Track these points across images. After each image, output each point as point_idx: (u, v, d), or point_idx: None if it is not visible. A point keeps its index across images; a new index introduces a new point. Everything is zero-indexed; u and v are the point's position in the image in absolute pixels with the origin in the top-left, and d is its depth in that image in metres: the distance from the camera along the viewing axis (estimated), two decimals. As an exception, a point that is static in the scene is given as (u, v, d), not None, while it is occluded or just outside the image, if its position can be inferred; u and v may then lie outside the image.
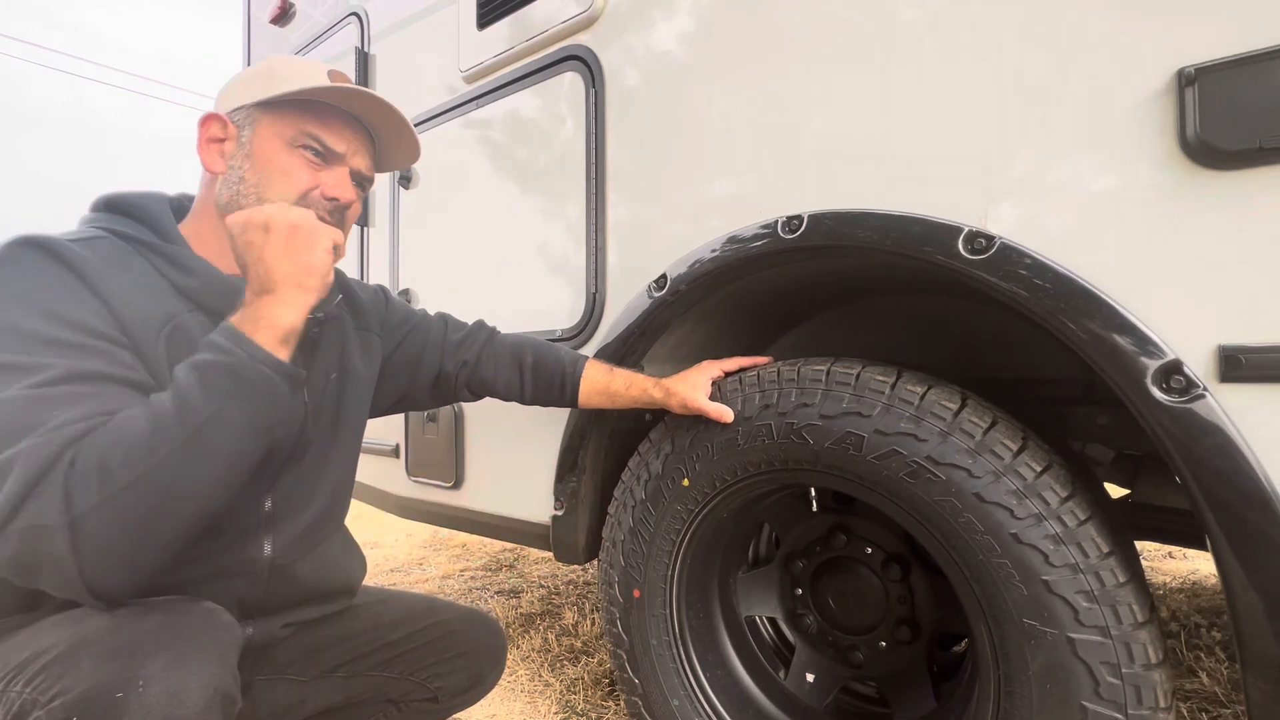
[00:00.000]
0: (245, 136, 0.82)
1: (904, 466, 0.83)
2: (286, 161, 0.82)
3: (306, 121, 0.83)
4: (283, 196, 0.81)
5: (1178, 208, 0.68)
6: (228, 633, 0.66)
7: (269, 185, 0.81)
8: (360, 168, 0.89)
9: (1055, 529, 0.74)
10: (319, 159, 0.84)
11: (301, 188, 0.82)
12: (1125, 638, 0.71)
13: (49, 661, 0.59)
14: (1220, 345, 0.65)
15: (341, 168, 0.86)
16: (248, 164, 0.81)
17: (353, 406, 0.96)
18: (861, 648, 1.10)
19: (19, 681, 0.59)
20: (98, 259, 0.71)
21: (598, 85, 1.21)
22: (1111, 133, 0.72)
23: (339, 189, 0.85)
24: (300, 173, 0.82)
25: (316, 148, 0.83)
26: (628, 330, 1.14)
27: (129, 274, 0.73)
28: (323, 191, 0.84)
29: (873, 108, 0.90)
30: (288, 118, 0.82)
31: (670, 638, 1.10)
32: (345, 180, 0.87)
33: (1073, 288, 0.72)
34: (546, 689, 1.56)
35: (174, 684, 0.58)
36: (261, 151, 0.81)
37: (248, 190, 0.81)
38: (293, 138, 0.82)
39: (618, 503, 1.15)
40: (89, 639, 0.60)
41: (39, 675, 0.58)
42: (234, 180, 0.81)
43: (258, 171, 0.81)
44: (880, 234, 0.86)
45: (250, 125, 0.82)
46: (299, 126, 0.82)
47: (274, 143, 0.82)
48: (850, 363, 0.93)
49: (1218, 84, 0.64)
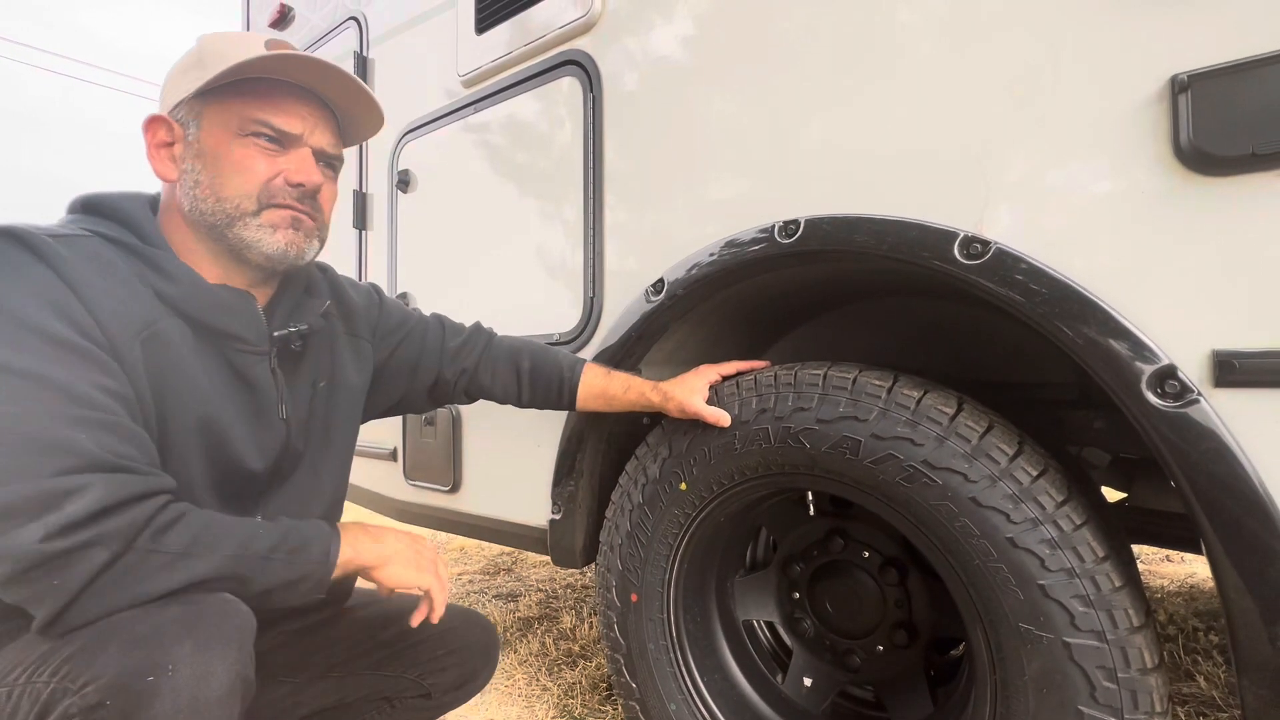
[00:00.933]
0: (192, 135, 0.76)
1: (900, 471, 0.83)
2: (239, 154, 0.75)
3: (251, 106, 0.75)
4: (241, 192, 0.76)
5: (1172, 214, 0.68)
6: (244, 620, 0.67)
7: (225, 183, 0.75)
8: (323, 145, 0.82)
9: (1051, 533, 0.74)
10: (274, 144, 0.77)
11: (260, 179, 0.76)
12: (1121, 642, 0.71)
13: (74, 652, 0.59)
14: (1215, 350, 0.65)
15: (301, 149, 0.79)
16: (199, 164, 0.75)
17: (343, 416, 0.94)
18: (859, 652, 1.10)
19: (44, 672, 0.59)
20: (77, 258, 0.68)
21: (595, 90, 1.21)
22: (1106, 139, 0.72)
23: (302, 173, 0.78)
24: (255, 163, 0.76)
25: (268, 133, 0.76)
26: (625, 335, 1.14)
27: (110, 276, 0.70)
28: (285, 178, 0.78)
29: (869, 113, 0.90)
30: (230, 105, 0.75)
31: (668, 642, 1.10)
32: (308, 162, 0.79)
33: (1068, 293, 0.73)
34: (544, 693, 1.56)
35: (201, 667, 0.60)
36: (211, 148, 0.75)
37: (204, 193, 0.75)
38: (240, 126, 0.75)
39: (615, 507, 1.15)
40: (112, 629, 0.60)
41: (65, 665, 0.59)
42: (189, 185, 0.76)
43: (210, 171, 0.75)
44: (877, 239, 0.87)
45: (194, 122, 0.76)
46: (243, 113, 0.75)
47: (221, 135, 0.75)
48: (847, 367, 0.93)
49: (1210, 91, 0.65)
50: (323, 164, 0.82)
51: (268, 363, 0.81)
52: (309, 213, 0.80)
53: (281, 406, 0.83)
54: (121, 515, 0.61)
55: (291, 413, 0.85)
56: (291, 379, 0.86)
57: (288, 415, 0.84)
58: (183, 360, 0.73)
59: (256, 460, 0.81)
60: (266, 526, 0.71)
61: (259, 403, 0.81)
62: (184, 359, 0.73)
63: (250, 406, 0.80)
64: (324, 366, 0.91)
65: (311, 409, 0.89)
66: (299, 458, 0.88)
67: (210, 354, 0.76)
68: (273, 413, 0.82)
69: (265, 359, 0.81)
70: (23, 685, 0.60)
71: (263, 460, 0.82)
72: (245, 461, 0.79)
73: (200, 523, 0.66)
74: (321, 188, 0.81)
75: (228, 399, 0.77)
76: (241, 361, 0.78)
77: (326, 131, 0.82)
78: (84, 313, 0.65)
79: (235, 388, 0.78)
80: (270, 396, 0.82)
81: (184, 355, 0.73)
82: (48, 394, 0.61)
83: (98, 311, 0.66)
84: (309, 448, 0.89)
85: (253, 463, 0.80)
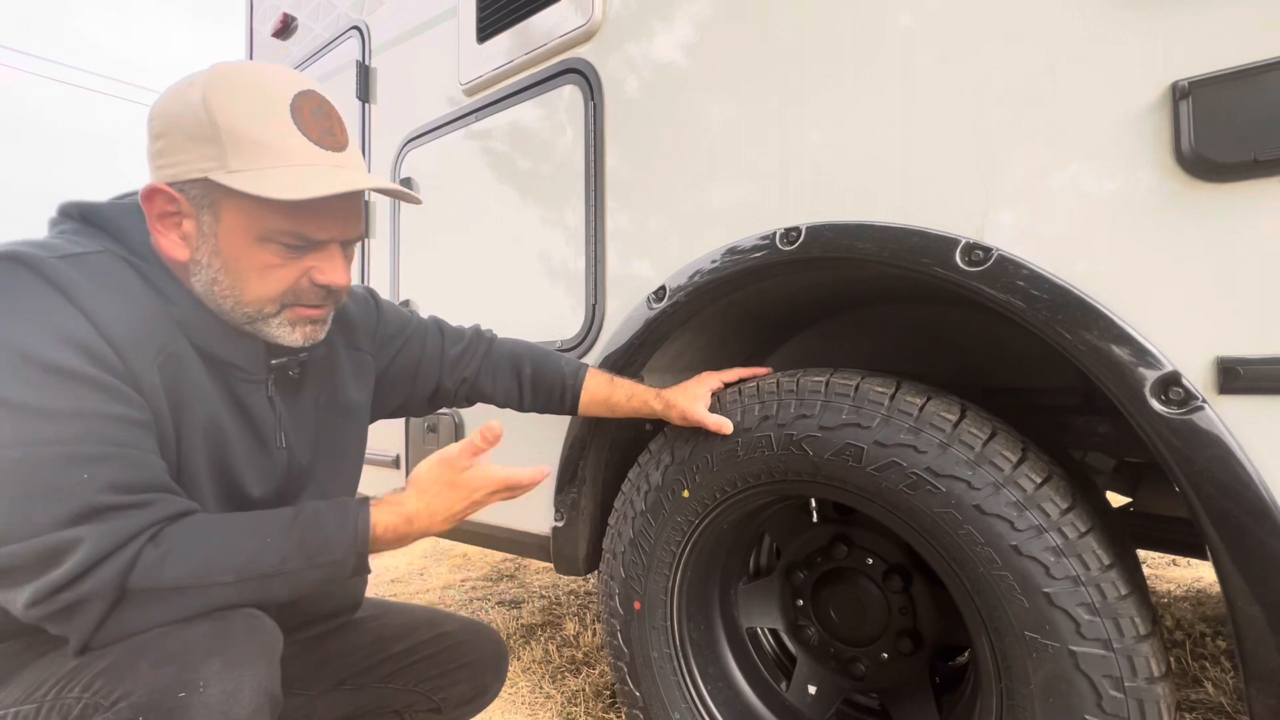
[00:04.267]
0: (206, 225, 0.68)
1: (903, 478, 0.83)
2: (260, 259, 0.69)
3: (276, 216, 0.68)
4: (265, 297, 0.71)
5: (1174, 220, 0.68)
6: (271, 636, 0.68)
7: (246, 288, 0.70)
8: (350, 235, 0.75)
9: (1056, 541, 0.74)
10: (300, 250, 0.71)
11: (285, 285, 0.71)
12: (1128, 651, 0.71)
13: (105, 668, 0.60)
14: (1219, 357, 0.65)
15: (330, 247, 0.74)
16: (216, 261, 0.69)
17: (349, 433, 0.93)
18: (863, 659, 1.09)
19: (75, 687, 0.60)
20: (89, 282, 0.64)
21: (596, 98, 1.22)
22: (1107, 145, 0.72)
23: (331, 274, 0.73)
24: (282, 270, 0.71)
25: (298, 243, 0.70)
26: (627, 342, 1.14)
27: (125, 298, 0.67)
28: (313, 279, 0.73)
29: (870, 119, 0.90)
30: (255, 209, 0.67)
31: (671, 650, 1.10)
32: (337, 262, 0.74)
33: (1070, 299, 0.73)
34: (548, 701, 1.55)
35: (231, 685, 0.60)
36: (229, 248, 0.69)
37: (223, 292, 0.70)
38: (265, 234, 0.69)
39: (618, 514, 1.15)
40: (143, 646, 0.61)
41: (96, 680, 0.59)
42: (205, 280, 0.70)
43: (230, 274, 0.70)
44: (878, 246, 0.87)
45: (209, 211, 0.68)
46: (268, 224, 0.68)
47: (242, 237, 0.68)
48: (849, 374, 0.93)
49: (1211, 97, 0.65)
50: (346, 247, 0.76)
51: (264, 390, 0.80)
52: (330, 305, 0.77)
53: (280, 435, 0.81)
54: (107, 566, 0.60)
55: (292, 439, 0.83)
56: (291, 403, 0.84)
57: (286, 444, 0.82)
58: (194, 382, 0.72)
59: (256, 486, 0.79)
60: (278, 531, 0.68)
61: (257, 430, 0.79)
62: (195, 381, 0.72)
63: (251, 436, 0.79)
64: (325, 386, 0.89)
65: (317, 429, 0.88)
66: (306, 479, 0.87)
67: (216, 379, 0.75)
68: (271, 441, 0.81)
69: (261, 387, 0.79)
70: (52, 700, 0.61)
71: (262, 486, 0.80)
72: (246, 487, 0.78)
73: (200, 547, 0.64)
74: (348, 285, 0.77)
75: (231, 424, 0.76)
76: (241, 389, 0.77)
77: (354, 218, 0.75)
78: (98, 340, 0.63)
79: (237, 414, 0.77)
80: (268, 424, 0.80)
81: (195, 377, 0.73)
82: (51, 430, 0.60)
83: (114, 338, 0.64)
84: (317, 468, 0.88)
85: (253, 488, 0.79)
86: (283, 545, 0.67)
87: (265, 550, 0.66)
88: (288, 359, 0.81)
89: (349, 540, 0.69)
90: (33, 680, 0.63)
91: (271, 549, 0.67)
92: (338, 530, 0.69)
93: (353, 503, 0.72)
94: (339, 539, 0.69)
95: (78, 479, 0.60)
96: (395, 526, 0.72)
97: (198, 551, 0.64)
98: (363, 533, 0.70)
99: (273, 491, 0.82)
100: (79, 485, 0.60)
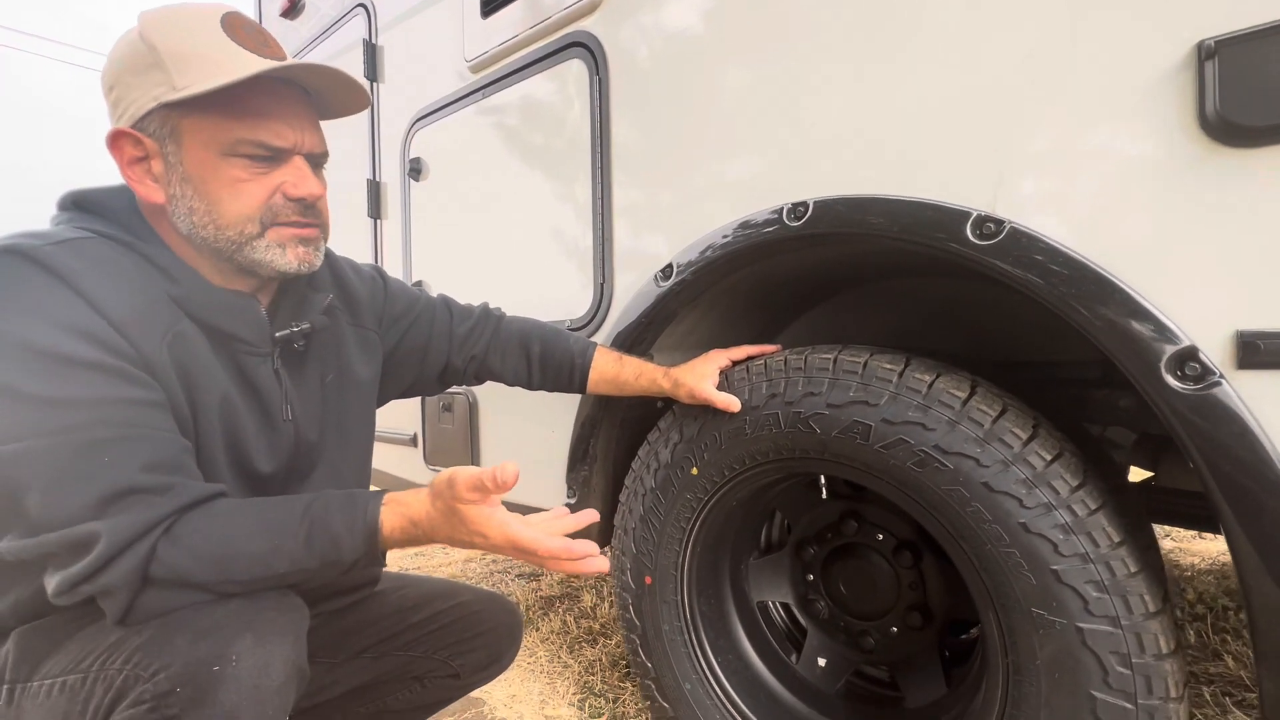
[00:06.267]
0: (171, 154, 0.70)
1: (911, 455, 0.82)
2: (229, 175, 0.70)
3: (235, 124, 0.70)
4: (242, 216, 0.72)
5: (1196, 188, 0.65)
6: (299, 613, 0.71)
7: (222, 210, 0.71)
8: (313, 148, 0.77)
9: (1065, 518, 0.73)
10: (266, 160, 0.73)
11: (259, 201, 0.72)
12: (1136, 628, 0.70)
13: (143, 642, 0.63)
14: (1238, 331, 0.63)
15: (294, 160, 0.75)
16: (187, 189, 0.70)
17: (357, 410, 0.94)
18: (873, 633, 1.10)
19: (116, 659, 0.64)
20: (88, 268, 0.66)
21: (602, 72, 1.20)
22: (1127, 110, 0.69)
23: (302, 186, 0.74)
24: (251, 184, 0.72)
25: (261, 153, 0.72)
26: (635, 320, 1.14)
27: (123, 280, 0.68)
28: (285, 193, 0.74)
29: (880, 87, 0.87)
30: (211, 122, 0.69)
31: (682, 623, 1.12)
32: (305, 174, 0.75)
33: (1085, 273, 0.71)
34: (565, 670, 1.60)
35: (261, 659, 0.63)
36: (197, 171, 0.70)
37: (201, 220, 0.71)
38: (226, 147, 0.70)
39: (629, 491, 1.17)
40: (179, 622, 0.65)
41: (136, 654, 0.63)
42: (183, 211, 0.71)
43: (203, 198, 0.71)
44: (889, 220, 0.85)
45: (171, 139, 0.70)
46: (229, 134, 0.70)
47: (205, 156, 0.70)
48: (858, 350, 0.92)
49: (1239, 56, 0.61)
50: (314, 165, 0.78)
51: (270, 364, 0.81)
52: (312, 221, 0.78)
53: (286, 408, 0.82)
54: (124, 560, 0.62)
55: (298, 413, 0.84)
56: (297, 378, 0.85)
57: (292, 416, 0.83)
58: (202, 360, 0.74)
59: (266, 462, 0.81)
60: (290, 531, 0.68)
61: (264, 404, 0.80)
62: (203, 358, 0.74)
63: (258, 409, 0.80)
64: (331, 362, 0.90)
65: (324, 406, 0.89)
66: (316, 456, 0.88)
67: (221, 354, 0.76)
68: (277, 415, 0.82)
69: (268, 360, 0.80)
70: (96, 671, 0.64)
71: (272, 462, 0.81)
72: (256, 462, 0.79)
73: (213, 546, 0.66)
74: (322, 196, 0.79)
75: (239, 399, 0.77)
76: (246, 363, 0.78)
77: (313, 129, 0.77)
78: (104, 326, 0.64)
79: (243, 389, 0.78)
80: (274, 398, 0.81)
81: (202, 354, 0.74)
82: (69, 419, 0.62)
83: (120, 323, 0.65)
84: (326, 445, 0.89)
85: (262, 464, 0.80)
86: (293, 545, 0.67)
87: (276, 553, 0.67)
88: (291, 331, 0.82)
89: (358, 540, 0.69)
90: (79, 651, 0.67)
91: (282, 550, 0.67)
92: (347, 531, 0.69)
93: (362, 498, 0.71)
94: (349, 540, 0.68)
95: (100, 463, 0.62)
96: (402, 528, 0.71)
97: (212, 549, 0.65)
98: (371, 533, 0.69)
99: (283, 468, 0.83)
100: (102, 469, 0.62)
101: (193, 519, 0.66)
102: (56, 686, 0.65)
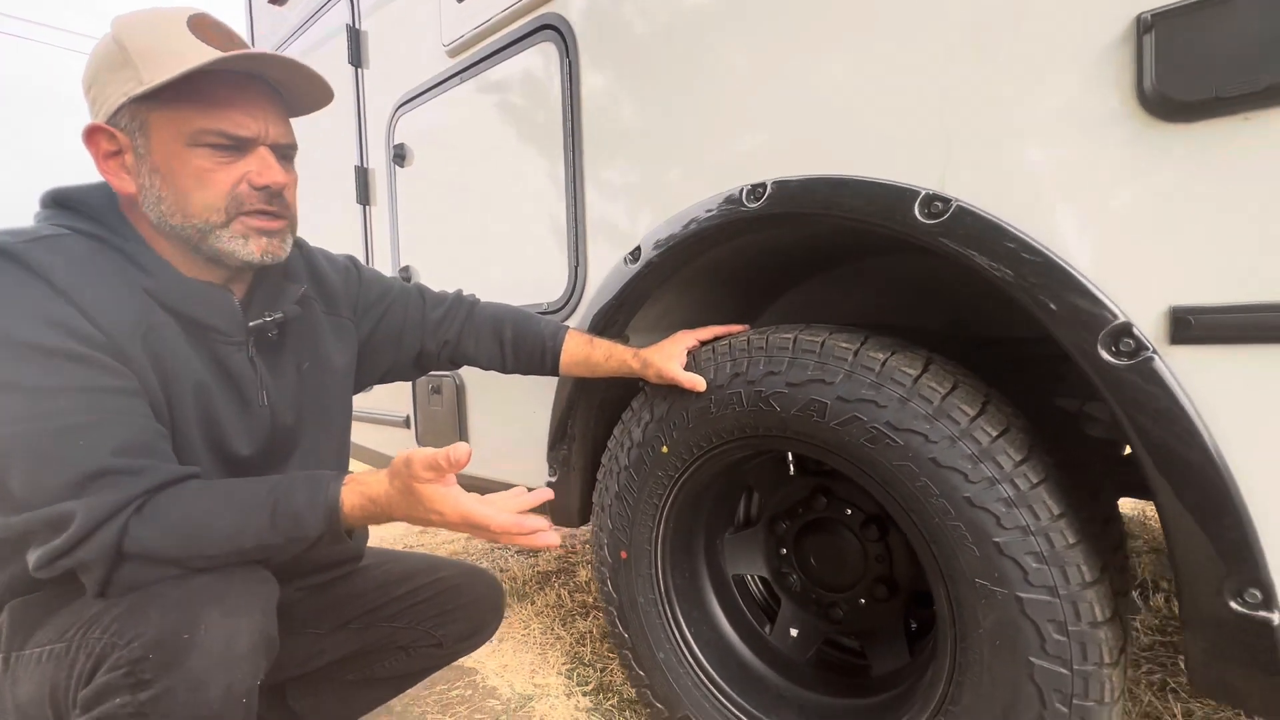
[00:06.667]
0: (141, 146, 0.73)
1: (864, 432, 0.84)
2: (195, 165, 0.73)
3: (199, 114, 0.72)
4: (207, 205, 0.74)
5: (1134, 164, 0.65)
6: (267, 586, 0.76)
7: (188, 199, 0.74)
8: (278, 138, 0.79)
9: (1008, 492, 0.75)
10: (231, 150, 0.75)
11: (223, 190, 0.75)
12: (1073, 597, 0.72)
13: (120, 613, 0.69)
14: (1172, 306, 0.64)
15: (259, 150, 0.77)
16: (156, 179, 0.74)
17: (333, 397, 0.97)
18: (842, 604, 1.13)
19: (96, 629, 0.69)
20: (64, 263, 0.69)
21: (572, 54, 1.20)
22: (1070, 84, 0.69)
23: (266, 175, 0.76)
24: (216, 173, 0.74)
25: (224, 142, 0.74)
26: (607, 303, 1.16)
27: (99, 276, 0.71)
28: (249, 182, 0.76)
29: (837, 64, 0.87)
30: (177, 113, 0.72)
31: (656, 595, 1.16)
32: (269, 163, 0.77)
33: (1026, 249, 0.71)
34: (558, 642, 1.65)
35: (229, 629, 0.69)
36: (164, 162, 0.73)
37: (169, 209, 0.74)
38: (191, 137, 0.73)
39: (605, 469, 1.20)
40: (152, 595, 0.69)
41: (113, 624, 0.68)
42: (152, 201, 0.75)
43: (170, 187, 0.74)
44: (843, 200, 0.85)
45: (140, 131, 0.73)
46: (193, 124, 0.72)
47: (172, 147, 0.73)
48: (817, 330, 0.93)
49: (1174, 29, 0.61)
50: (280, 156, 0.80)
51: (244, 352, 0.84)
52: (278, 212, 0.80)
53: (261, 393, 0.86)
54: (98, 536, 0.66)
55: (274, 398, 0.87)
56: (273, 365, 0.88)
57: (268, 402, 0.87)
58: (176, 349, 0.77)
59: (244, 445, 0.84)
60: (255, 508, 0.72)
61: (240, 390, 0.84)
62: (177, 347, 0.77)
63: (234, 395, 0.84)
64: (307, 350, 0.93)
65: (300, 393, 0.92)
66: (294, 439, 0.91)
67: (197, 343, 0.80)
68: (253, 399, 0.85)
69: (243, 348, 0.84)
70: (79, 640, 0.70)
71: (250, 445, 0.85)
72: (234, 446, 0.83)
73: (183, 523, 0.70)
74: (287, 185, 0.81)
75: (215, 386, 0.81)
76: (221, 351, 0.82)
77: (279, 121, 0.80)
78: (80, 318, 0.68)
79: (218, 376, 0.82)
80: (250, 384, 0.84)
81: (176, 344, 0.77)
82: (47, 406, 0.66)
83: (95, 315, 0.69)
84: (304, 428, 0.93)
85: (241, 447, 0.84)
86: (258, 522, 0.71)
87: (243, 530, 0.71)
88: (265, 321, 0.85)
89: (319, 517, 0.72)
90: (65, 622, 0.72)
91: (249, 528, 0.71)
92: (309, 509, 0.72)
93: (324, 478, 0.74)
94: (310, 517, 0.72)
95: (76, 447, 0.66)
96: (362, 506, 0.73)
97: (182, 527, 0.70)
98: (332, 511, 0.72)
99: (261, 451, 0.87)
100: (78, 453, 0.67)
101: (164, 499, 0.70)
102: (46, 654, 0.71)
